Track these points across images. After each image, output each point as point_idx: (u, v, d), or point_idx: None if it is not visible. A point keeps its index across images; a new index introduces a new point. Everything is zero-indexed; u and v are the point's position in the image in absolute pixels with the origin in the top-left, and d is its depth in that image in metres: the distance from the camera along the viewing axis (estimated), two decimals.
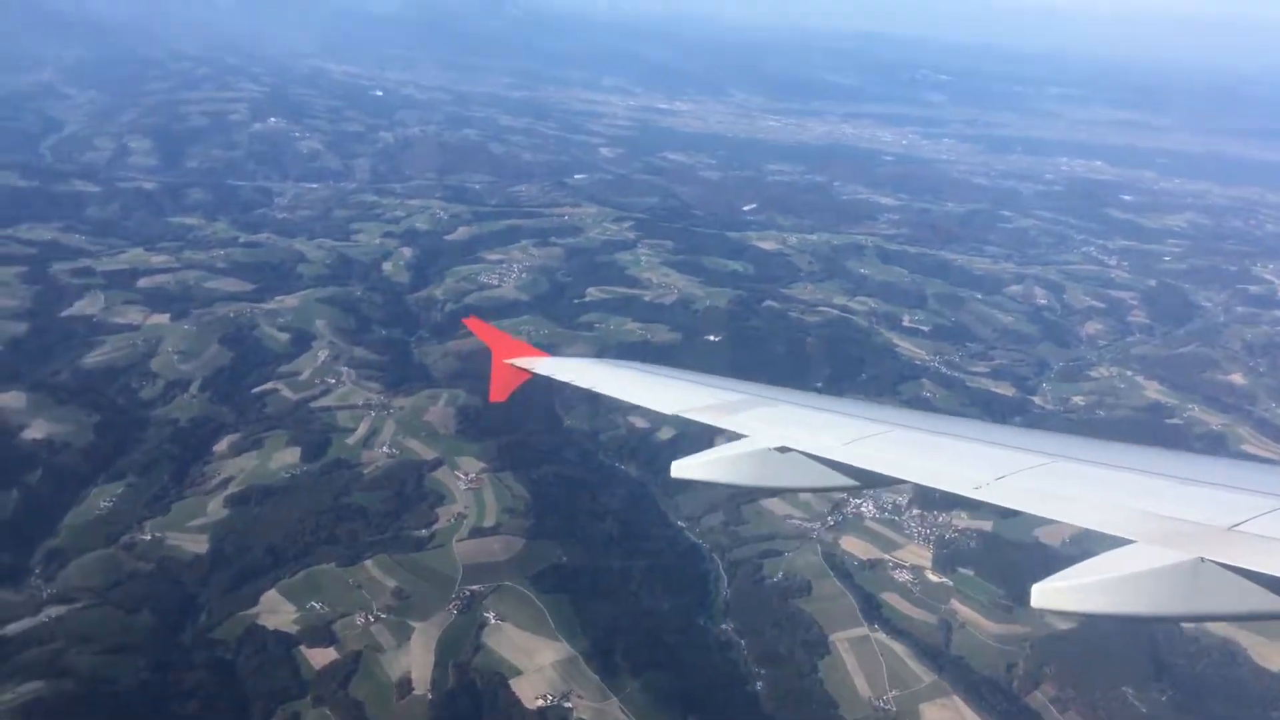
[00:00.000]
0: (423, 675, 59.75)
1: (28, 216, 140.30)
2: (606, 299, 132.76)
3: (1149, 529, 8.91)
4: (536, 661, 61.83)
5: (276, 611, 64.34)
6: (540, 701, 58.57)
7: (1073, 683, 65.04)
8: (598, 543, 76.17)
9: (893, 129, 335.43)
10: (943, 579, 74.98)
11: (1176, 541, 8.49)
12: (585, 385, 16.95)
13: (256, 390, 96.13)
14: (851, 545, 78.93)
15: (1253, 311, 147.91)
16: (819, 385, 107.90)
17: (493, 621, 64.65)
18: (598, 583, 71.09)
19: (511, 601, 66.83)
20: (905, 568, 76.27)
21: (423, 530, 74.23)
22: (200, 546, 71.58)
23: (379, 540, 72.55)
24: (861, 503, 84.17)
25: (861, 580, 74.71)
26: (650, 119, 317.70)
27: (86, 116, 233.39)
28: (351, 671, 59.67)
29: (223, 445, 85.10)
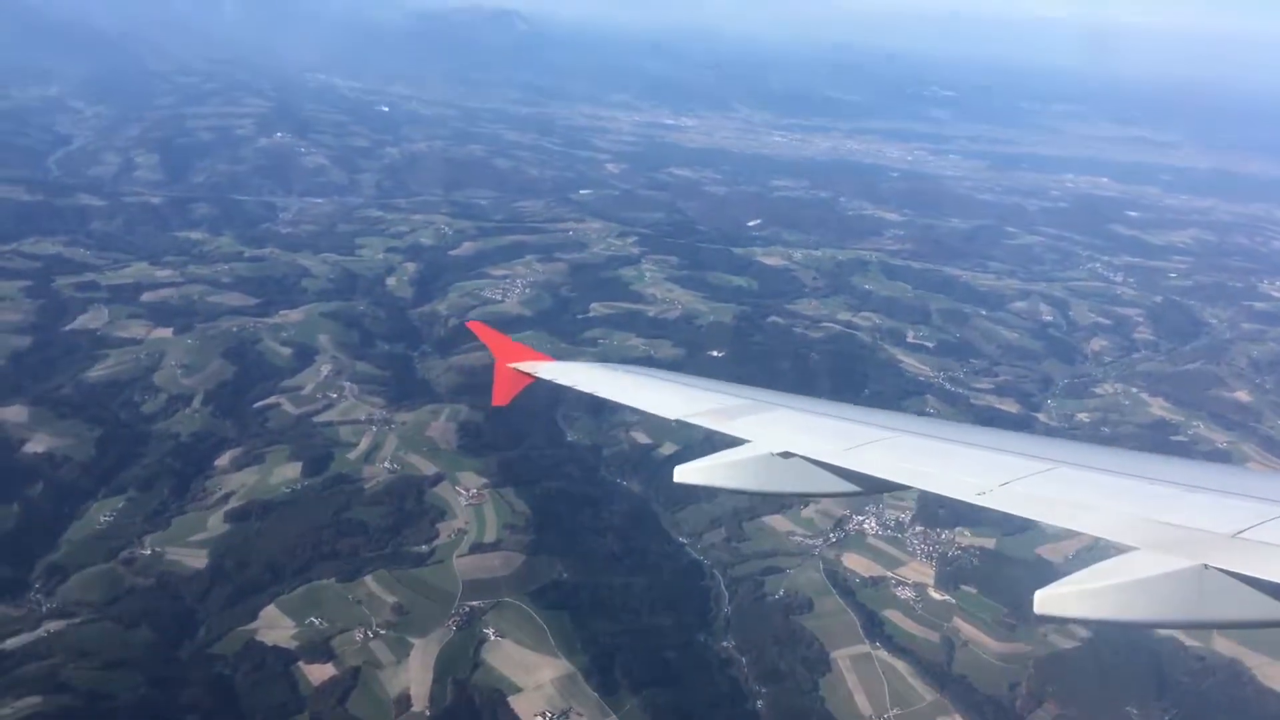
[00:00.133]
0: (421, 692, 59.53)
1: (33, 231, 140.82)
2: (610, 314, 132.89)
3: (1153, 535, 8.87)
4: (536, 678, 61.58)
5: (275, 627, 64.25)
6: (539, 719, 58.33)
7: (1076, 702, 64.50)
8: (598, 559, 75.95)
9: (898, 145, 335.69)
10: (945, 596, 74.54)
11: (1180, 548, 8.45)
12: (587, 389, 16.80)
13: (259, 405, 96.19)
14: (854, 562, 78.55)
15: (1259, 328, 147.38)
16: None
17: (492, 638, 64.43)
18: (598, 599, 70.77)
19: (511, 618, 66.58)
20: (908, 585, 75.82)
21: (423, 546, 74.06)
22: (200, 561, 71.51)
23: (379, 556, 72.43)
24: (864, 519, 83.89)
25: (863, 597, 74.31)
26: (656, 134, 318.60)
27: (93, 131, 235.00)
28: (350, 688, 59.47)
29: (224, 460, 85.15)
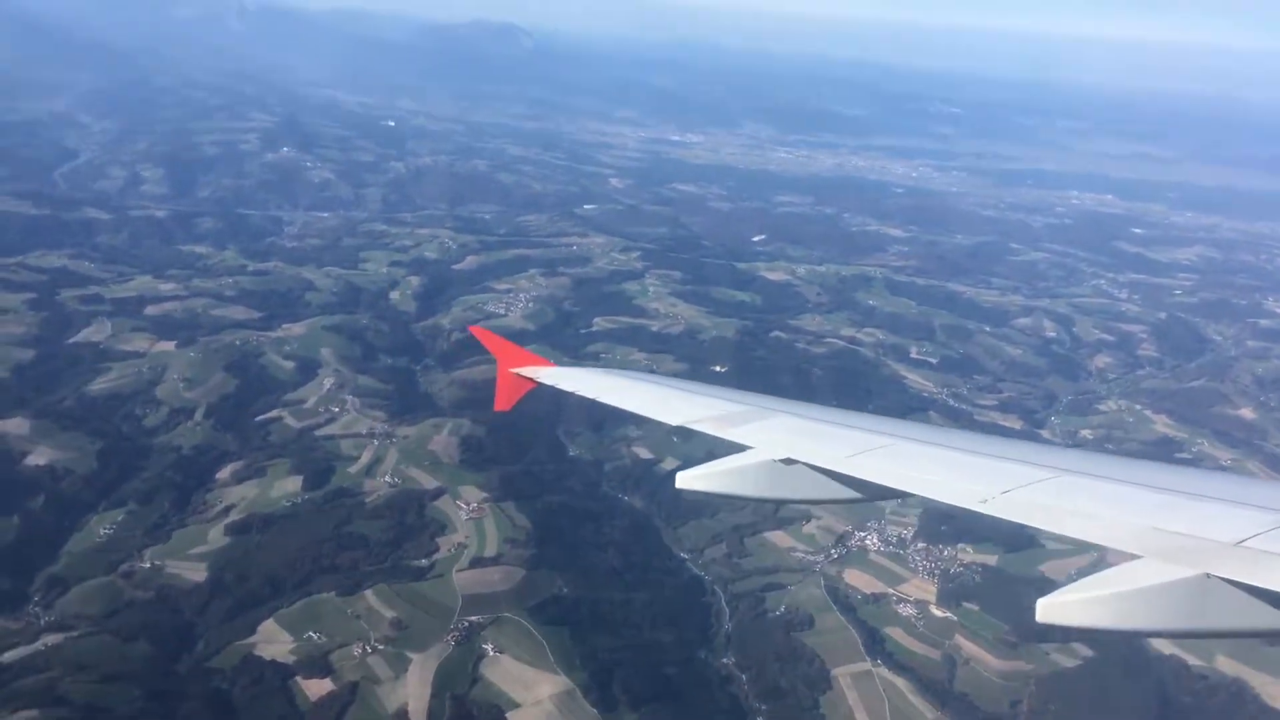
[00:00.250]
0: (419, 707, 59.24)
1: (39, 244, 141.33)
2: (613, 329, 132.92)
3: (1155, 544, 8.84)
4: (534, 694, 61.28)
5: (274, 641, 64.05)
6: None
7: None
8: (599, 574, 75.67)
9: (903, 161, 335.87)
10: (947, 614, 74.08)
11: (1183, 557, 8.43)
12: (589, 395, 16.76)
13: (260, 418, 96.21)
14: (855, 579, 78.14)
15: (1264, 346, 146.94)
16: None
17: (491, 653, 64.16)
18: (598, 614, 70.50)
19: (510, 633, 66.33)
20: (909, 602, 75.36)
21: (423, 560, 73.91)
22: (199, 575, 71.42)
23: (379, 570, 72.27)
24: (866, 535, 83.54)
25: (865, 614, 73.86)
26: (661, 150, 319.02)
27: (100, 144, 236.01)
28: (348, 703, 59.26)
29: (225, 473, 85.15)
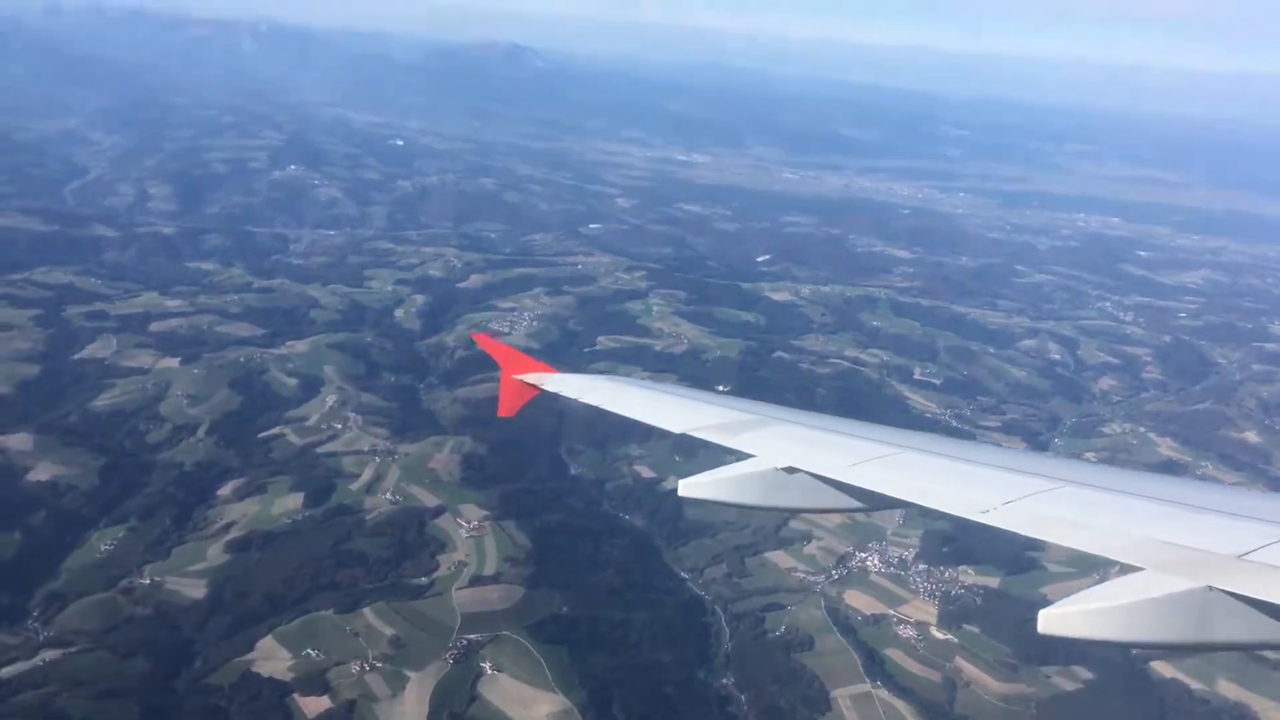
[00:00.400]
0: None
1: (46, 260, 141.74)
2: (616, 348, 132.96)
3: (1158, 556, 8.81)
4: (532, 714, 61.13)
5: (272, 658, 64.02)
6: None
7: None
8: (598, 593, 75.47)
9: (909, 183, 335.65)
10: (948, 636, 73.78)
11: (1185, 569, 8.41)
12: (592, 402, 16.66)
13: (263, 435, 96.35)
14: (856, 600, 77.90)
15: (1268, 369, 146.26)
16: None
17: (489, 672, 64.04)
18: (597, 634, 70.35)
19: (509, 651, 66.20)
20: (910, 623, 75.09)
21: (422, 578, 73.89)
22: (199, 592, 71.49)
23: (378, 587, 72.25)
24: (867, 556, 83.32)
25: (865, 635, 73.64)
26: (668, 170, 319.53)
27: (109, 162, 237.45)
28: None
29: (226, 490, 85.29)
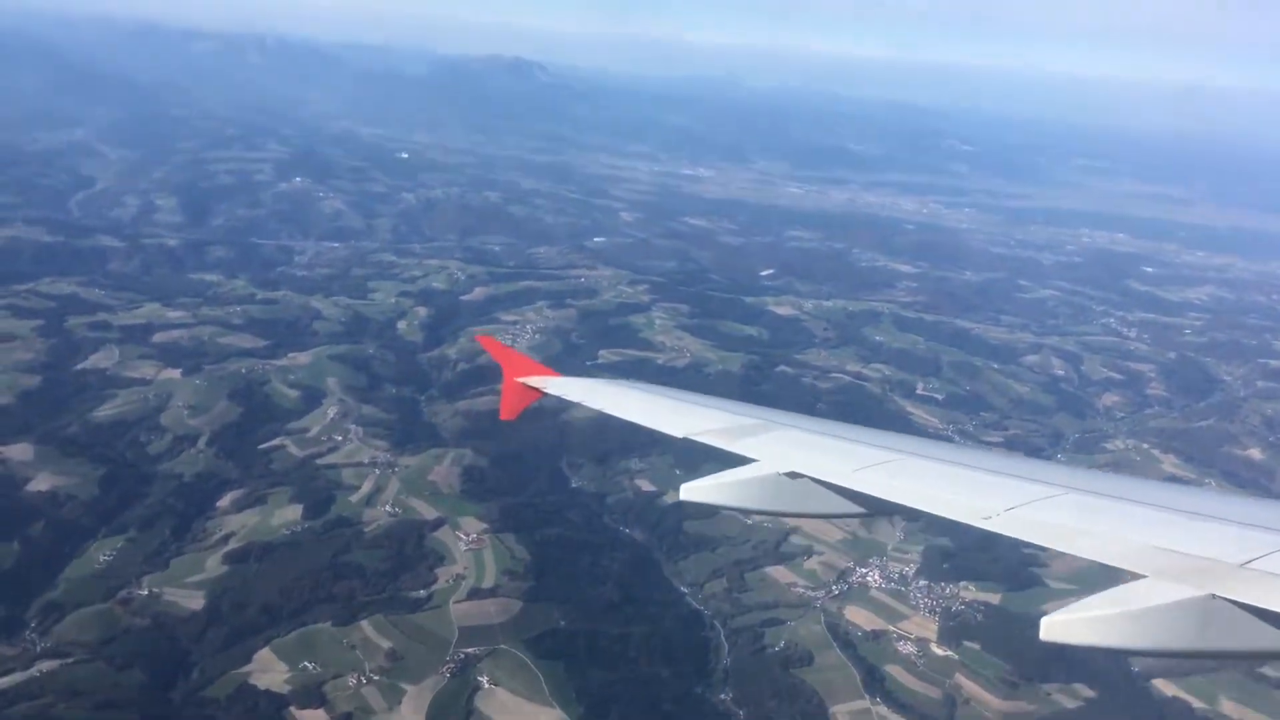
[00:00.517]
0: None
1: (50, 271, 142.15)
2: (619, 361, 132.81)
3: (1160, 564, 8.81)
4: None
5: (269, 671, 63.90)
6: None
7: None
8: (597, 607, 75.17)
9: (915, 198, 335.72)
10: (948, 652, 73.32)
11: (1188, 577, 8.39)
12: (595, 406, 16.69)
13: (263, 446, 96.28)
14: (855, 615, 77.48)
15: (1273, 386, 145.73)
16: None
17: (486, 686, 63.83)
18: (595, 648, 70.03)
19: (506, 665, 65.96)
20: (910, 640, 74.63)
21: (421, 591, 73.69)
22: (196, 603, 71.35)
23: (376, 600, 72.10)
24: (867, 572, 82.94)
25: (865, 651, 73.17)
26: (672, 184, 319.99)
27: (116, 174, 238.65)
28: None
29: (225, 501, 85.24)
